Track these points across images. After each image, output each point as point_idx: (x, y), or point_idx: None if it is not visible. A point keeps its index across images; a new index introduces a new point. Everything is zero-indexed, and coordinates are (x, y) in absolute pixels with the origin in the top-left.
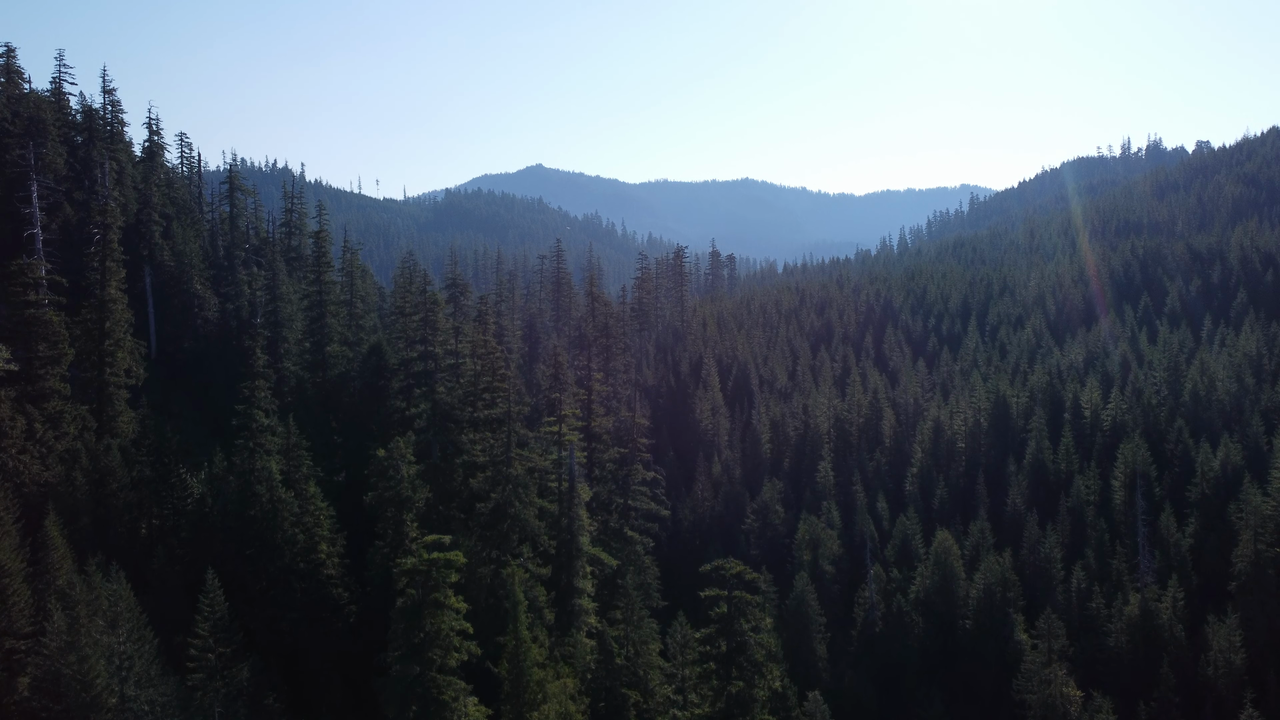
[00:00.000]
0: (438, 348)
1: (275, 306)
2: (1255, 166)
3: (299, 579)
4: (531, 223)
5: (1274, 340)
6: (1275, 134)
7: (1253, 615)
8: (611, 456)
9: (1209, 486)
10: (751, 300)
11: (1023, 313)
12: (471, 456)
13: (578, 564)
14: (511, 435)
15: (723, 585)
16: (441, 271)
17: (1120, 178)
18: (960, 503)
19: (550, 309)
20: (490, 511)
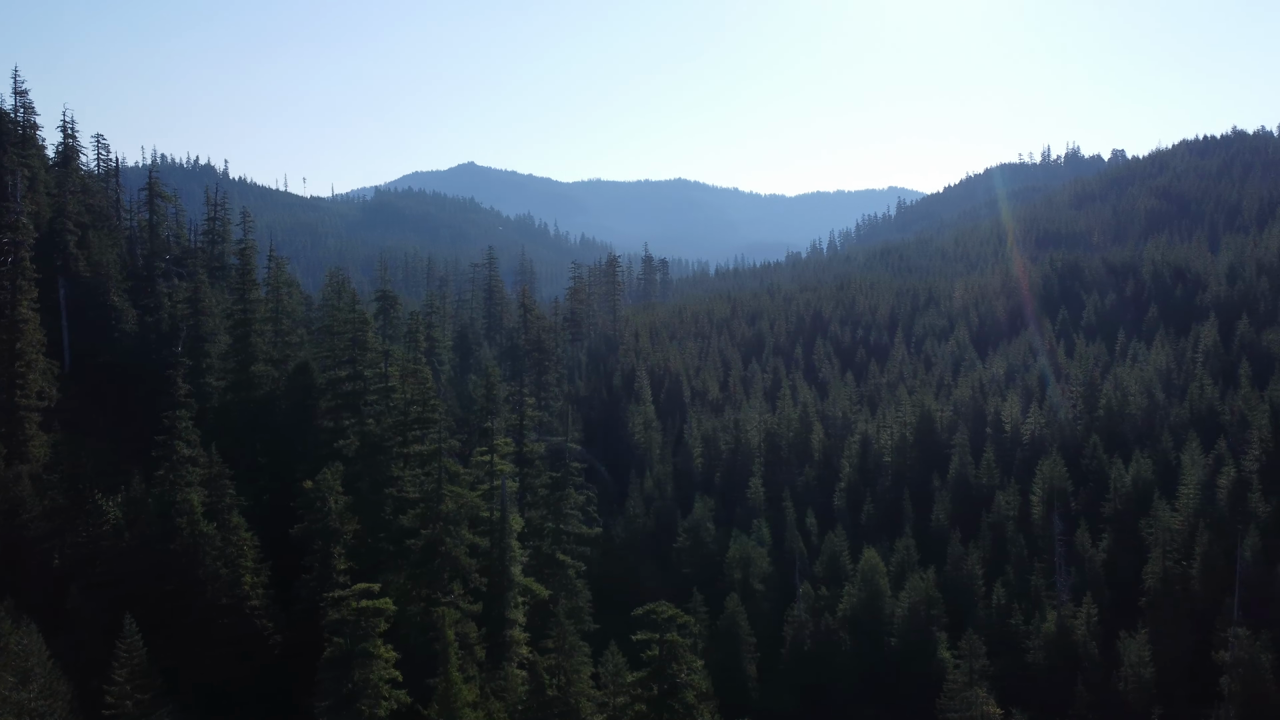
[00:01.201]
0: (367, 369)
1: (198, 320)
2: (1167, 180)
3: (223, 614)
4: (464, 222)
5: (1182, 356)
6: (1185, 147)
7: (1162, 630)
8: (544, 482)
9: (1121, 502)
10: (684, 309)
11: (948, 324)
12: (402, 491)
13: (510, 595)
14: (442, 471)
15: (655, 629)
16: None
17: (1041, 184)
18: (887, 518)
19: (483, 317)
20: (421, 549)
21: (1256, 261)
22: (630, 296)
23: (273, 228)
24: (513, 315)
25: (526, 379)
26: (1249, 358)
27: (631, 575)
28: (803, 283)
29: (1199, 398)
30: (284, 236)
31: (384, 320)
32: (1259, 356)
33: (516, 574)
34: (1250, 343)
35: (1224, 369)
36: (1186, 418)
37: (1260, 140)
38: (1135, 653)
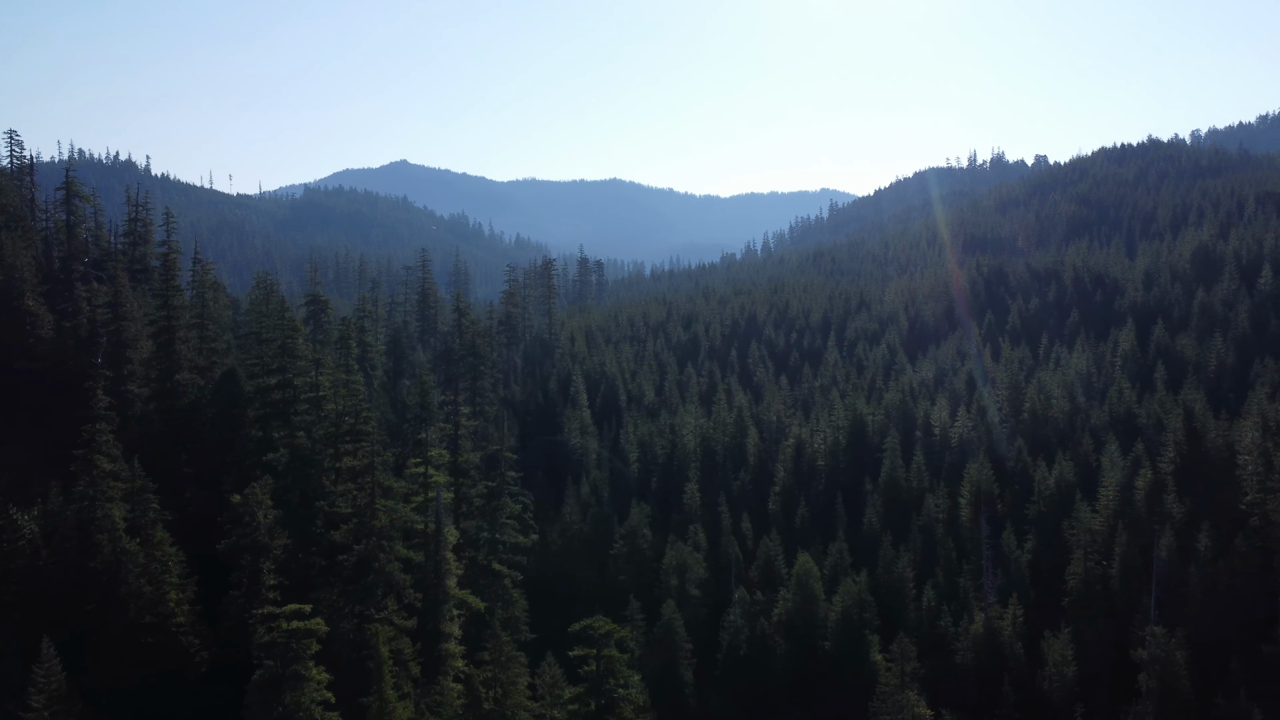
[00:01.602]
0: (297, 378)
1: (119, 326)
2: (1087, 187)
3: (147, 633)
4: (396, 222)
5: (1102, 360)
6: (1103, 155)
7: (1083, 629)
8: (480, 492)
9: (1045, 504)
10: (620, 312)
11: (879, 328)
12: (334, 506)
13: (444, 608)
14: (375, 487)
15: (592, 644)
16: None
17: (968, 189)
18: (821, 522)
19: (416, 320)
20: (354, 566)
21: (1170, 268)
22: (566, 298)
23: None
24: (447, 318)
25: (461, 385)
26: (1164, 362)
27: (568, 582)
28: (737, 285)
29: (1118, 401)
30: (209, 236)
31: (314, 325)
32: (1173, 360)
33: (452, 587)
34: (1165, 347)
35: (1141, 373)
36: (1106, 421)
37: (1174, 149)
38: (1058, 652)
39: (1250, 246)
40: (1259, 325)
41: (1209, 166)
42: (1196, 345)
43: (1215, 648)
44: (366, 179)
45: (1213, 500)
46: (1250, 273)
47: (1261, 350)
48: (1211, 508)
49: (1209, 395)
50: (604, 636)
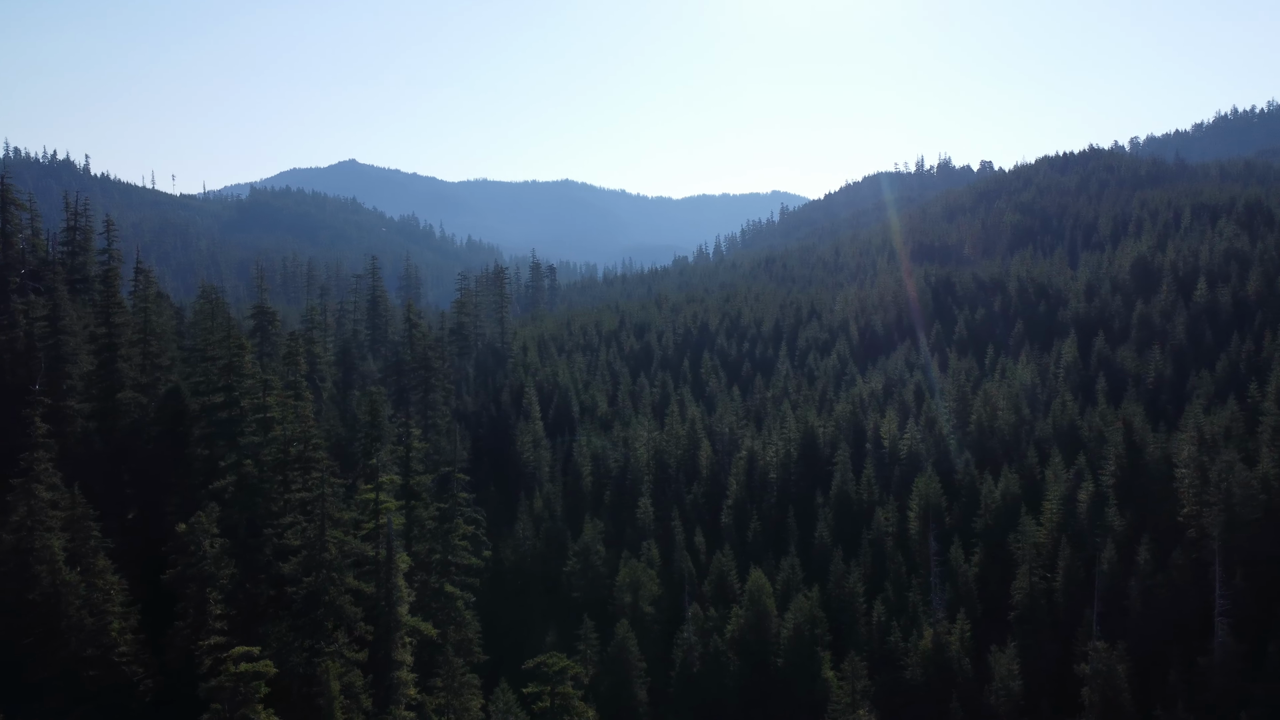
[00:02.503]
0: (244, 399)
1: (58, 340)
2: (1030, 196)
3: (89, 665)
4: (345, 223)
5: (1046, 371)
6: (1046, 163)
7: (1029, 643)
8: (431, 514)
9: (991, 517)
10: (573, 320)
11: (830, 337)
12: (282, 538)
13: (396, 636)
14: (325, 519)
15: (546, 681)
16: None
17: (916, 194)
18: (773, 536)
19: (366, 329)
20: (303, 599)
21: (1111, 279)
22: (519, 304)
23: (139, 228)
24: (398, 327)
25: (413, 398)
26: (1105, 373)
27: (521, 599)
28: (690, 293)
29: (1061, 414)
30: (152, 238)
31: (261, 338)
32: (1114, 372)
33: (403, 614)
34: (1106, 359)
35: (1084, 384)
36: (1050, 433)
37: (1114, 158)
38: (1005, 666)
39: (1187, 259)
40: (1195, 337)
41: (1147, 176)
42: (1136, 357)
43: (1154, 659)
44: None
45: (1152, 513)
46: (1187, 285)
47: (1198, 362)
48: (1151, 520)
49: (1148, 407)
50: (558, 673)
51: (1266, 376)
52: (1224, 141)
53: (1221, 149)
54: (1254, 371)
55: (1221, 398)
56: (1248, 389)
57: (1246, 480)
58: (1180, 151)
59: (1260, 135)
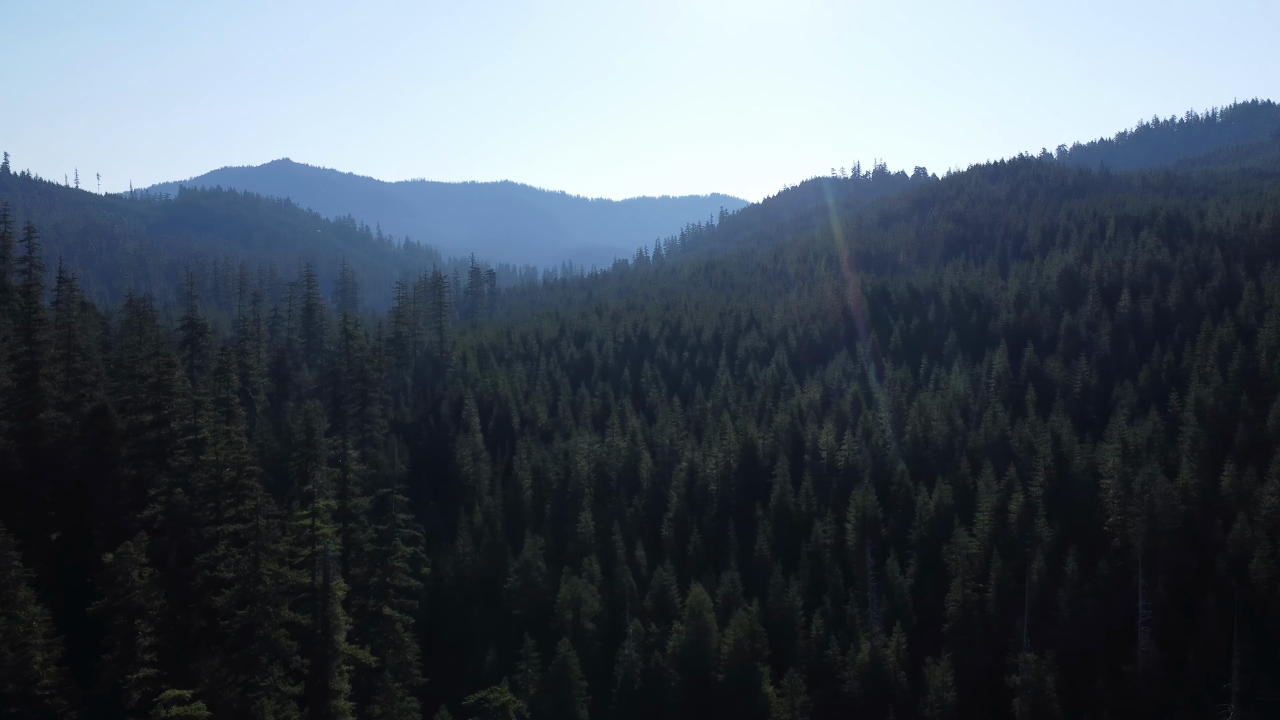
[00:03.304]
0: (175, 421)
1: None
2: (963, 205)
3: (10, 703)
4: (279, 225)
5: (979, 381)
6: (977, 171)
7: (962, 654)
8: (369, 536)
9: (926, 529)
10: (513, 329)
11: (769, 346)
12: (215, 570)
13: (333, 665)
14: (260, 550)
15: (488, 717)
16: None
17: (853, 199)
18: (714, 549)
19: (301, 338)
20: (237, 633)
21: (1040, 290)
22: (458, 309)
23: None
24: (334, 335)
25: (350, 411)
26: (1034, 384)
27: (462, 615)
28: (630, 299)
29: (992, 425)
30: (75, 240)
31: (191, 350)
32: (1043, 383)
33: (340, 642)
34: (1036, 369)
35: (1014, 395)
36: (982, 444)
37: (1042, 167)
38: (939, 678)
39: (1111, 270)
40: (1119, 348)
41: (1074, 186)
42: (1064, 367)
43: (1083, 668)
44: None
45: (1080, 523)
46: (1111, 296)
47: (1122, 373)
48: (1079, 530)
49: (1075, 417)
50: (499, 710)
51: (1186, 387)
52: (1146, 151)
53: (1144, 158)
54: (1174, 382)
55: (1144, 408)
56: (1168, 399)
57: (1167, 491)
58: (1105, 160)
59: (1179, 145)
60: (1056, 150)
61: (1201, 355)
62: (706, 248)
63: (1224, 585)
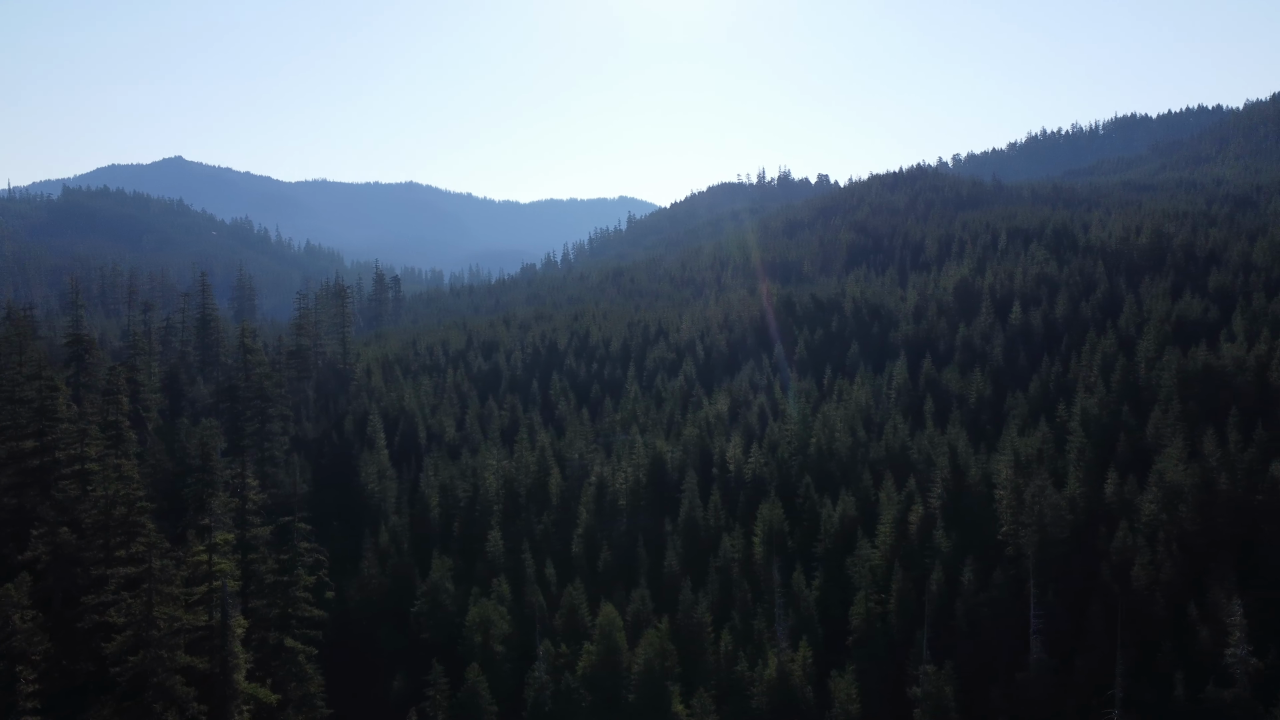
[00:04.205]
0: (60, 450)
1: None
2: (864, 215)
3: None
4: (171, 227)
5: (880, 393)
6: (877, 181)
7: (866, 667)
8: (270, 567)
9: (830, 541)
10: (419, 340)
11: (677, 357)
12: (105, 614)
13: (232, 706)
14: (153, 593)
15: None
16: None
17: (758, 205)
18: (624, 565)
19: (196, 350)
20: (129, 680)
21: (937, 301)
22: (361, 315)
23: None
24: (230, 347)
25: (248, 429)
26: (933, 395)
27: (368, 641)
28: (539, 308)
29: (893, 436)
30: None
31: (78, 368)
32: (940, 394)
33: (240, 681)
34: (933, 380)
35: (913, 405)
36: (884, 455)
37: (939, 177)
38: (844, 691)
39: (1003, 282)
40: (1011, 358)
41: (969, 197)
42: (959, 378)
43: (979, 677)
44: (136, 177)
45: (975, 533)
46: (1003, 307)
47: (1014, 383)
48: (975, 541)
49: (970, 428)
50: None
51: (1073, 398)
52: (1035, 161)
53: (1033, 168)
54: (1062, 392)
55: (1035, 418)
56: (1056, 409)
57: (1055, 502)
58: (998, 169)
59: (1066, 156)
60: (952, 159)
61: (1086, 366)
62: (615, 252)
63: (1108, 592)
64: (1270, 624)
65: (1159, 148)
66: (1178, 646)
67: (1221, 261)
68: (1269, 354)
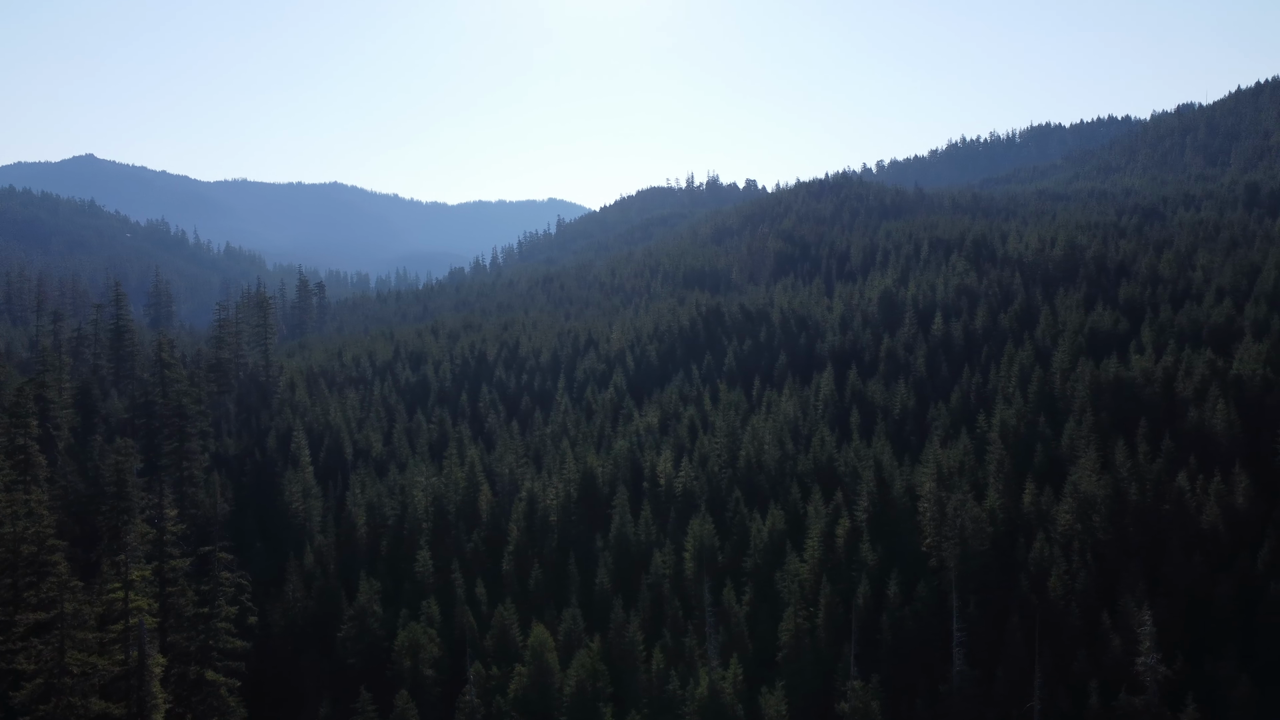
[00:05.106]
0: None
1: None
2: (791, 223)
3: None
4: (82, 229)
5: (807, 404)
6: (803, 189)
7: (796, 683)
8: (190, 600)
9: (760, 556)
10: (344, 350)
11: (607, 368)
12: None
13: None
14: (65, 639)
15: None
16: None
17: (687, 210)
18: (555, 584)
19: (109, 363)
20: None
21: (862, 312)
22: (285, 322)
23: None
24: (147, 359)
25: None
26: (858, 406)
27: (293, 667)
28: (468, 317)
29: (820, 449)
30: None
31: None
32: (865, 405)
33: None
34: (859, 392)
35: (839, 418)
36: (811, 468)
37: (864, 186)
38: (774, 708)
39: (925, 293)
40: (933, 370)
41: (892, 206)
42: (884, 390)
43: (905, 690)
44: (44, 176)
45: (900, 546)
46: (926, 318)
47: (936, 394)
48: (900, 553)
49: (894, 439)
50: None
51: (992, 409)
52: (955, 168)
53: (954, 175)
54: (982, 403)
55: (956, 429)
56: (977, 421)
57: (976, 514)
58: (919, 177)
59: (984, 164)
60: (876, 165)
61: (1005, 378)
62: (544, 256)
63: (1026, 603)
64: (1177, 632)
65: (1072, 157)
66: (1092, 655)
67: (1131, 273)
68: (1175, 365)
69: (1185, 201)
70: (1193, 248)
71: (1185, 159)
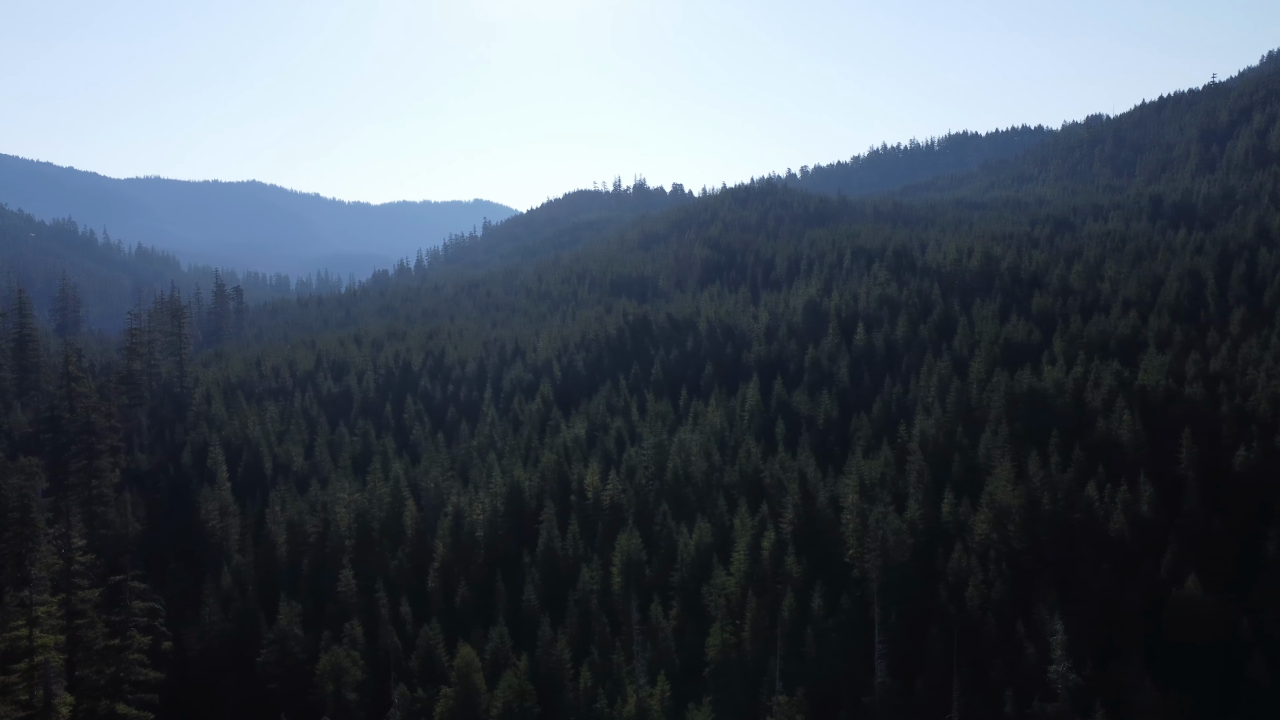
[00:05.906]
0: None
1: None
2: (718, 230)
3: None
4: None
5: (734, 415)
6: (729, 195)
7: (723, 697)
8: (100, 632)
9: (687, 570)
10: (264, 359)
11: (534, 378)
12: None
13: None
14: None
15: None
16: None
17: (614, 214)
18: (482, 601)
19: (13, 374)
20: None
21: (787, 321)
22: (200, 328)
23: None
24: (53, 370)
25: (73, 469)
26: (784, 417)
27: (211, 694)
28: (392, 324)
29: (746, 460)
30: None
31: None
32: (791, 415)
33: None
34: (784, 403)
35: (765, 428)
36: (738, 480)
37: (788, 193)
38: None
39: (848, 303)
40: (856, 380)
41: (816, 213)
42: (809, 400)
43: (829, 702)
44: None
45: (825, 558)
46: (848, 328)
47: (858, 405)
48: (824, 565)
49: (819, 450)
50: None
51: (913, 419)
52: (877, 174)
53: (875, 181)
54: (903, 413)
55: (878, 440)
56: (898, 431)
57: (897, 525)
58: (842, 183)
59: (905, 171)
60: (800, 170)
61: (925, 388)
62: (471, 259)
63: (945, 613)
64: (1087, 638)
65: (988, 165)
66: (1008, 664)
67: (1043, 284)
68: (1085, 376)
69: (1094, 212)
70: (1101, 259)
71: (1094, 170)
